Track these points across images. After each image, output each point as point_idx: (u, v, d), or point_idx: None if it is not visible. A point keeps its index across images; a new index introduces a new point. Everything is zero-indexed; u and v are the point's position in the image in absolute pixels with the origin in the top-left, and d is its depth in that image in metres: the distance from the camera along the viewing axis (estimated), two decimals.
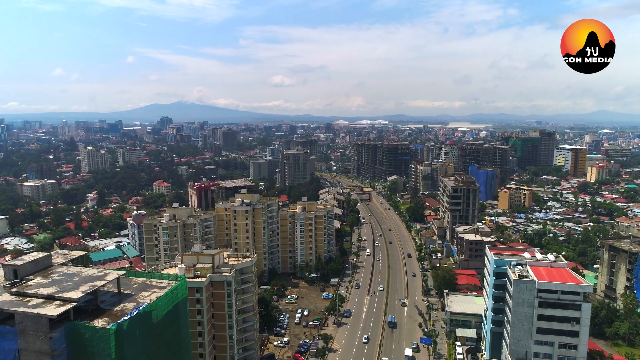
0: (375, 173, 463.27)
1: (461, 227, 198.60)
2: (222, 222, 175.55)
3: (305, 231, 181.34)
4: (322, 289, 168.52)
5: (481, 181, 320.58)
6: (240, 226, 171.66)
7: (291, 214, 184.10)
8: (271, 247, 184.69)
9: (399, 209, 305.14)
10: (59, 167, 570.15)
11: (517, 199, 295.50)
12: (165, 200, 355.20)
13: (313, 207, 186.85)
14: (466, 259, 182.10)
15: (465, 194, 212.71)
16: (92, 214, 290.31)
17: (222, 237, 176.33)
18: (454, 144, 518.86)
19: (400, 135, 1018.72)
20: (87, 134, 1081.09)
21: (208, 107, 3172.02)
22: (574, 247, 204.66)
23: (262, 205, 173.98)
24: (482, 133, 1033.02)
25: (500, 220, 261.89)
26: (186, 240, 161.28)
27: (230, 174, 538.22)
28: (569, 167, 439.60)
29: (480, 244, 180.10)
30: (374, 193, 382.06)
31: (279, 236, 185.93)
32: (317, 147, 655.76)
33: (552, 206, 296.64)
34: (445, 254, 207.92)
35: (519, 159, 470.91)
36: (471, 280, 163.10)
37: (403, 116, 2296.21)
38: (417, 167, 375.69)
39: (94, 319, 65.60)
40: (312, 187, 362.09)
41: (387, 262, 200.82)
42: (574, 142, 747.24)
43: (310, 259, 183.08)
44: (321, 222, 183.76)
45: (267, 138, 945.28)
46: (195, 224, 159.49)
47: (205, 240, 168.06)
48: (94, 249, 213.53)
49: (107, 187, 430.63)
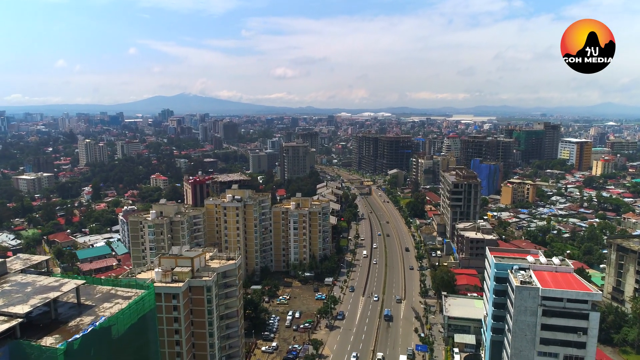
0: (376, 166, 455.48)
1: (462, 224, 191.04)
2: (212, 219, 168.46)
3: (299, 228, 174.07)
4: (316, 289, 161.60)
5: (483, 175, 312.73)
6: (230, 224, 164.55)
7: (284, 211, 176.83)
8: (264, 244, 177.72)
9: (399, 203, 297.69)
10: (57, 159, 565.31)
11: (521, 194, 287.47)
12: (162, 195, 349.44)
13: (307, 203, 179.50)
14: (466, 258, 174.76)
15: (467, 190, 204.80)
16: (85, 209, 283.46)
17: (213, 235, 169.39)
18: (456, 137, 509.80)
19: (402, 127, 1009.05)
20: (87, 126, 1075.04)
21: (211, 99, 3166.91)
22: (579, 244, 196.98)
23: (253, 202, 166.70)
24: (486, 125, 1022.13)
25: (503, 216, 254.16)
26: (173, 238, 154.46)
27: (230, 167, 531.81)
28: (574, 161, 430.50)
29: (481, 242, 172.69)
30: (374, 187, 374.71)
31: (271, 233, 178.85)
32: (317, 140, 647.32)
33: (557, 201, 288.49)
34: (445, 251, 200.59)
35: (523, 152, 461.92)
36: (471, 280, 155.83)
37: (406, 108, 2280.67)
38: (419, 160, 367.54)
39: (45, 335, 58.69)
40: (310, 181, 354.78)
41: (385, 259, 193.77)
42: (579, 135, 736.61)
43: (304, 258, 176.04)
44: (316, 219, 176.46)
45: (268, 130, 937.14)
46: (182, 221, 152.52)
47: (194, 238, 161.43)
48: (83, 246, 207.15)
49: (104, 181, 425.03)
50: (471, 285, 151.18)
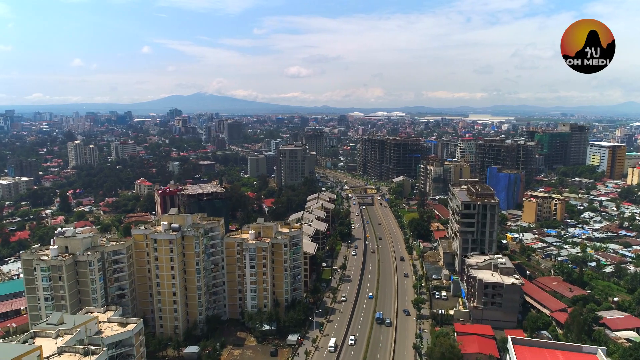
0: (382, 172, 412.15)
1: (473, 259, 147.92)
2: (142, 254, 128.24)
3: (258, 266, 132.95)
4: (274, 352, 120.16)
5: (502, 186, 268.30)
6: (162, 261, 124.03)
7: (240, 242, 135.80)
8: (214, 284, 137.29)
9: (402, 219, 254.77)
10: (49, 161, 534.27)
11: (547, 210, 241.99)
12: (137, 204, 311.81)
13: (270, 231, 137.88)
14: (479, 308, 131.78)
15: (481, 212, 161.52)
16: (35, 224, 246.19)
17: (144, 276, 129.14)
18: (471, 139, 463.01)
19: (416, 128, 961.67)
20: (92, 125, 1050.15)
21: (227, 99, 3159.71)
22: (627, 284, 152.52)
23: (195, 232, 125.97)
24: (504, 126, 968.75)
25: (526, 239, 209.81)
26: (80, 284, 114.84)
27: (229, 170, 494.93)
28: (605, 167, 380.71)
29: (499, 287, 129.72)
30: (377, 196, 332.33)
31: (224, 271, 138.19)
32: (323, 141, 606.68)
33: (590, 219, 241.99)
34: (452, 291, 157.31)
35: (546, 157, 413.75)
36: (485, 346, 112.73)
37: (422, 108, 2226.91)
38: (427, 167, 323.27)
39: None
40: (304, 190, 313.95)
41: (375, 302, 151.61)
42: (604, 137, 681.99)
43: (264, 304, 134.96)
44: (281, 254, 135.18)
45: (276, 131, 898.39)
46: (91, 261, 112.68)
47: (114, 281, 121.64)
48: (5, 277, 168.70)
49: (87, 186, 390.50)
50: (485, 356, 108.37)
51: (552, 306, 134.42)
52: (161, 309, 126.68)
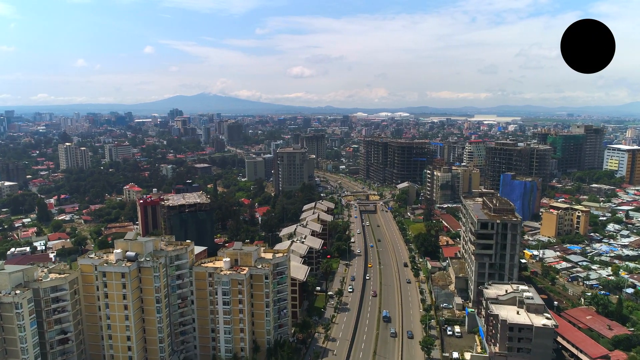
0: (385, 176, 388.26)
1: (493, 289, 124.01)
2: (92, 288, 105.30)
3: (233, 302, 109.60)
4: None
5: (516, 195, 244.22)
6: (114, 299, 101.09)
7: (212, 272, 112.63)
8: (182, 323, 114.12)
9: (407, 232, 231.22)
10: (41, 164, 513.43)
11: (568, 223, 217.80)
12: (122, 213, 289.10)
13: (250, 259, 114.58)
14: (502, 354, 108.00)
15: (500, 231, 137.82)
16: (1, 237, 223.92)
17: (94, 314, 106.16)
18: (480, 142, 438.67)
19: (420, 129, 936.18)
20: (91, 126, 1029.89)
21: (231, 99, 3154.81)
22: None
23: (155, 263, 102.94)
24: (511, 127, 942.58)
25: (547, 258, 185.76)
26: (5, 331, 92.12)
27: (226, 173, 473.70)
28: (624, 172, 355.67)
29: (527, 330, 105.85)
30: (380, 203, 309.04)
31: (193, 306, 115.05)
32: (324, 143, 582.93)
33: (617, 233, 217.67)
34: (467, 327, 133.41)
35: (559, 161, 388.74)
36: None
37: (426, 108, 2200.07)
38: (434, 173, 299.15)
39: None
40: (301, 197, 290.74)
41: (374, 343, 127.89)
42: (615, 138, 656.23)
43: (241, 347, 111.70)
44: (261, 287, 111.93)
45: (277, 131, 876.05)
46: (19, 303, 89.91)
47: (56, 322, 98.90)
48: None
49: (74, 191, 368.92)
50: None
51: (591, 352, 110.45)
52: (113, 356, 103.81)
